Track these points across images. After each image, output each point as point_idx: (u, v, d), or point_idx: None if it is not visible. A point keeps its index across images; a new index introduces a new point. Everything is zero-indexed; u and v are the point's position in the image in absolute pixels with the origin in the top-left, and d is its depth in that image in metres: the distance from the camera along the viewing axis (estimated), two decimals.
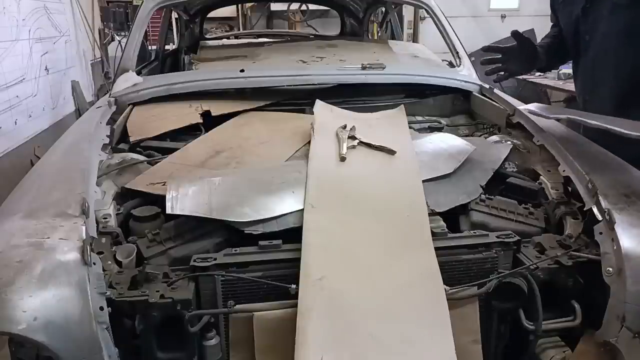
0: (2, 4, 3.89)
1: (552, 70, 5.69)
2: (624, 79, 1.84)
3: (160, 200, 1.58)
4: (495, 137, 2.12)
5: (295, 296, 1.32)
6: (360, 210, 1.55)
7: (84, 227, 1.31)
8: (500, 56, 2.04)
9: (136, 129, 2.12)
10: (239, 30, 7.53)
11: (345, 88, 2.41)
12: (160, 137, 2.10)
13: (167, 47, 4.38)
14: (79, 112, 4.64)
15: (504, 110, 2.26)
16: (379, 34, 4.59)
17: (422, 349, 1.24)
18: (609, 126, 1.48)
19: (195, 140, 2.05)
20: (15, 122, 4.00)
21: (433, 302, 1.32)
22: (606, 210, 1.42)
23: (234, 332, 1.39)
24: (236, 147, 1.95)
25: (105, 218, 1.53)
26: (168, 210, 1.50)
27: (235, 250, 1.44)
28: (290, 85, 2.40)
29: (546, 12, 2.33)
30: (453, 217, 1.64)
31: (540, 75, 5.92)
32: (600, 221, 1.44)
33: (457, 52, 2.71)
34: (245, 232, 1.49)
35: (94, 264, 1.25)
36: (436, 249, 1.43)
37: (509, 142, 2.00)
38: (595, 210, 1.47)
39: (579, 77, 2.10)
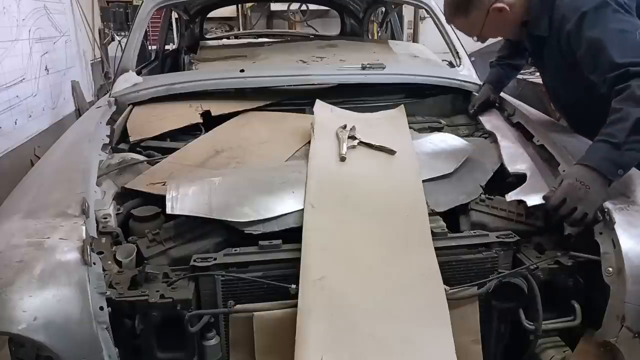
0: (2, 4, 3.89)
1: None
2: (573, 112, 1.98)
3: (160, 200, 1.58)
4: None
5: (295, 296, 1.32)
6: (360, 210, 1.55)
7: (84, 227, 1.31)
8: None
9: (136, 129, 2.12)
10: (239, 30, 7.53)
11: (345, 88, 2.41)
12: (160, 137, 2.10)
13: (167, 47, 4.38)
14: (79, 112, 4.64)
15: (503, 110, 2.26)
16: (379, 34, 4.59)
17: (422, 349, 1.24)
18: None
19: (195, 140, 2.05)
20: (15, 122, 4.00)
21: (433, 302, 1.32)
22: (606, 210, 1.42)
23: (234, 332, 1.39)
24: (236, 147, 1.95)
25: (105, 218, 1.53)
26: (168, 210, 1.50)
27: (235, 250, 1.44)
28: (290, 85, 2.40)
29: None
30: (453, 217, 1.64)
31: (540, 76, 5.90)
32: (600, 221, 1.44)
33: (457, 52, 2.71)
34: (245, 232, 1.49)
35: (94, 264, 1.25)
36: (436, 249, 1.43)
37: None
38: None
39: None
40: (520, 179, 1.74)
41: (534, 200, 1.59)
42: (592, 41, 1.59)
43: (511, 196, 1.63)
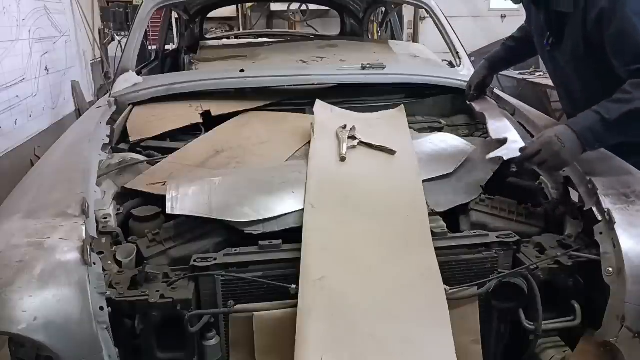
0: (2, 4, 3.89)
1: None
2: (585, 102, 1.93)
3: (160, 200, 1.58)
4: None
5: (295, 296, 1.32)
6: (360, 210, 1.55)
7: (84, 227, 1.31)
8: None
9: (136, 129, 2.12)
10: (239, 30, 7.53)
11: (345, 88, 2.41)
12: (160, 137, 2.10)
13: (167, 47, 4.38)
14: (79, 112, 4.63)
15: (502, 109, 2.26)
16: (379, 34, 4.59)
17: (422, 349, 1.24)
18: None
19: (195, 140, 2.05)
20: (15, 122, 4.00)
21: (433, 302, 1.32)
22: (606, 210, 1.42)
23: (234, 332, 1.39)
24: (236, 147, 1.95)
25: (105, 218, 1.53)
26: (168, 210, 1.50)
27: (235, 250, 1.44)
28: (290, 85, 2.40)
29: None
30: (453, 217, 1.64)
31: (540, 76, 5.92)
32: (600, 221, 1.44)
33: (457, 52, 2.71)
34: (245, 232, 1.49)
35: (94, 264, 1.25)
36: (436, 249, 1.43)
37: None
38: (595, 210, 1.47)
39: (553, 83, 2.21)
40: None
41: (513, 153, 1.73)
42: (624, 24, 1.58)
43: (492, 155, 1.78)
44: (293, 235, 1.47)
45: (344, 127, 1.94)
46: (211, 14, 4.88)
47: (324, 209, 1.53)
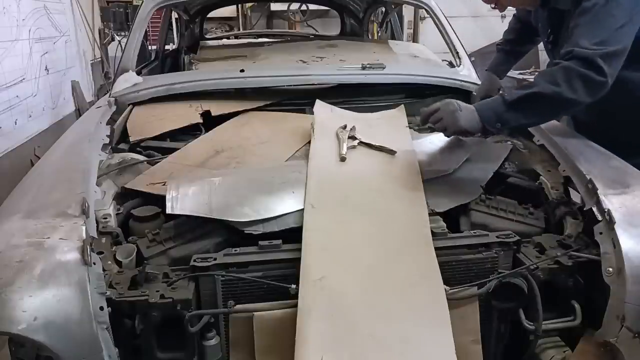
0: (2, 4, 3.89)
1: None
2: None
3: (160, 200, 1.58)
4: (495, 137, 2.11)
5: (295, 296, 1.32)
6: (360, 210, 1.55)
7: (84, 227, 1.32)
8: None
9: (136, 129, 2.12)
10: (239, 30, 7.53)
11: (345, 88, 2.41)
12: (160, 137, 2.10)
13: (167, 47, 4.38)
14: (79, 112, 4.63)
15: None
16: (379, 34, 4.58)
17: (422, 349, 1.24)
18: None
19: (195, 140, 2.05)
20: (15, 122, 4.00)
21: (433, 302, 1.32)
22: (606, 210, 1.42)
23: (234, 332, 1.39)
24: (236, 147, 1.95)
25: (105, 218, 1.53)
26: (168, 210, 1.50)
27: (235, 250, 1.44)
28: (290, 85, 2.40)
29: None
30: (453, 217, 1.64)
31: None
32: (600, 221, 1.44)
33: (457, 52, 2.70)
34: (245, 232, 1.49)
35: (94, 264, 1.25)
36: (436, 249, 1.43)
37: (508, 142, 2.00)
38: (595, 210, 1.47)
39: None
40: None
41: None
42: (581, 12, 1.62)
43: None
44: (293, 235, 1.47)
45: (344, 127, 1.94)
46: (211, 14, 4.87)
47: (324, 209, 1.53)
